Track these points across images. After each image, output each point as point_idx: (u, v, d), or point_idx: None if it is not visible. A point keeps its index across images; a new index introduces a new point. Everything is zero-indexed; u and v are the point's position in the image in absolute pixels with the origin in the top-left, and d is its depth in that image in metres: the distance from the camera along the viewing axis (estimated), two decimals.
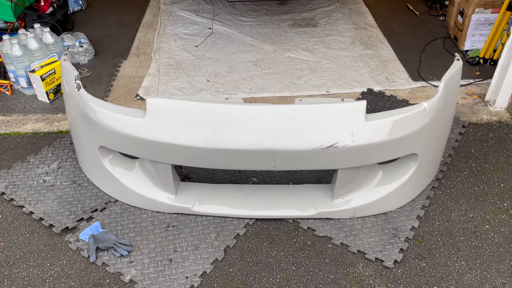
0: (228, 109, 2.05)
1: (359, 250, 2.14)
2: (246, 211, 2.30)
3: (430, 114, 2.12)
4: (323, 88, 3.33)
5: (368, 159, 2.11)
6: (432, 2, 4.46)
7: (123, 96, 3.23)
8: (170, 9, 4.49)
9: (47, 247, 2.16)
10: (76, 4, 4.36)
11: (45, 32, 3.20)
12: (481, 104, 3.12)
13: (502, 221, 2.29)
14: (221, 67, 3.58)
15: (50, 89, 3.09)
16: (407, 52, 3.74)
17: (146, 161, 2.26)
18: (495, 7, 3.42)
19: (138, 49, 3.83)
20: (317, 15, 4.36)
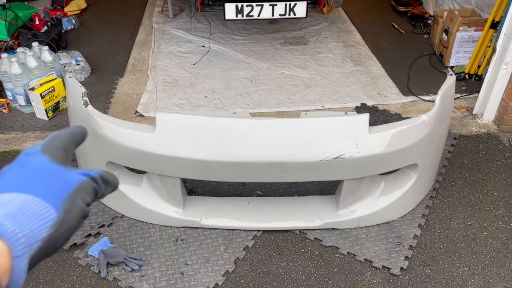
0: (236, 123, 2.11)
1: (366, 259, 2.20)
2: (253, 223, 2.34)
3: (429, 126, 2.22)
4: (318, 103, 3.43)
5: (372, 169, 2.19)
6: (416, 21, 4.66)
7: (122, 113, 3.25)
8: (162, 27, 4.55)
9: (56, 263, 2.14)
10: (69, 23, 4.38)
11: (43, 51, 3.21)
12: (470, 117, 3.26)
13: (499, 227, 2.40)
14: (218, 83, 3.64)
15: (49, 106, 3.09)
16: (395, 68, 3.89)
17: (154, 175, 2.29)
18: (478, 25, 3.61)
19: (134, 67, 3.87)
20: (307, 33, 4.49)
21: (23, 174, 0.54)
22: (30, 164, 0.55)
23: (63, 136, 0.61)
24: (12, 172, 0.55)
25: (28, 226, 0.50)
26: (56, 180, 0.54)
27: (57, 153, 0.58)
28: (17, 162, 0.56)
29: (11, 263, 0.48)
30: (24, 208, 0.51)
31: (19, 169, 0.55)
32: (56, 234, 0.52)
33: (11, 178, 0.54)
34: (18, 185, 0.53)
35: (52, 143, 0.59)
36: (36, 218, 0.51)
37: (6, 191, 0.52)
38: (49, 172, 0.55)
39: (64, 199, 0.53)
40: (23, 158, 0.56)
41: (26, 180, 0.54)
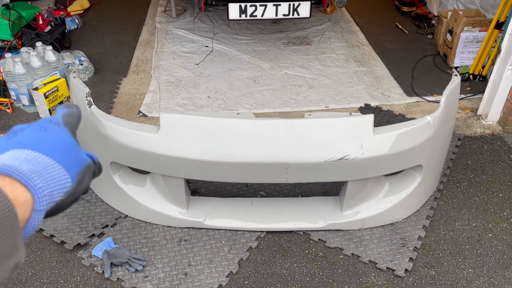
0: (241, 123, 2.10)
1: (370, 260, 2.19)
2: (257, 224, 2.33)
3: (433, 127, 2.21)
4: (322, 103, 3.42)
5: (377, 170, 2.19)
6: (420, 21, 4.65)
7: (125, 113, 3.25)
8: (166, 27, 4.55)
9: (59, 263, 2.14)
10: (72, 23, 4.38)
11: (47, 50, 3.21)
12: (474, 118, 3.25)
13: (504, 229, 2.38)
14: (221, 83, 3.64)
15: (53, 106, 3.09)
16: (399, 69, 3.87)
17: (158, 176, 2.28)
18: (482, 26, 3.60)
19: (137, 67, 3.87)
20: (310, 33, 4.48)
21: (47, 139, 0.58)
22: (54, 132, 0.60)
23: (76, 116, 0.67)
24: (36, 133, 0.58)
25: (51, 186, 0.55)
26: (73, 154, 0.60)
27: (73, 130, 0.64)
28: (40, 126, 0.60)
29: (30, 214, 0.52)
30: (48, 169, 0.55)
31: (43, 133, 0.59)
32: (65, 200, 0.58)
33: (35, 138, 0.58)
34: (42, 147, 0.57)
35: (69, 119, 0.64)
36: (57, 182, 0.56)
37: (30, 148, 0.56)
38: (69, 145, 0.60)
39: (77, 172, 0.59)
40: (47, 124, 0.61)
41: (50, 145, 0.58)
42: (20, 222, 0.50)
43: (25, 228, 0.52)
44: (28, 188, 0.52)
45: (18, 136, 0.58)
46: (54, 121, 0.62)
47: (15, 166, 0.53)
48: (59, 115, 0.64)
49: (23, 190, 0.52)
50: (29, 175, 0.53)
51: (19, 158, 0.54)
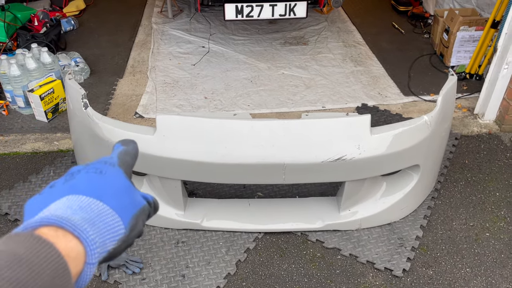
0: (237, 124, 2.10)
1: (368, 261, 2.19)
2: (255, 225, 2.32)
3: (430, 127, 2.21)
4: (319, 103, 3.41)
5: (374, 171, 2.18)
6: (416, 21, 4.65)
7: (121, 114, 3.24)
8: (162, 28, 4.54)
9: None
10: (68, 24, 4.37)
11: (42, 52, 3.20)
12: (471, 117, 3.25)
13: (501, 228, 2.39)
14: (218, 84, 3.63)
15: (49, 108, 3.08)
16: (396, 68, 3.87)
17: (154, 177, 2.28)
18: (479, 25, 3.60)
19: (133, 68, 3.86)
20: (307, 33, 4.48)
21: (102, 182, 0.56)
22: (108, 174, 0.58)
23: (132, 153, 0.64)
24: (91, 177, 0.57)
25: (103, 235, 0.53)
26: (128, 198, 0.57)
27: (128, 171, 0.62)
28: (95, 168, 0.58)
29: (83, 267, 0.50)
30: (101, 217, 0.54)
31: (98, 176, 0.57)
32: (118, 248, 0.55)
33: (89, 182, 0.56)
34: (96, 191, 0.55)
35: (125, 158, 0.62)
36: (109, 230, 0.54)
37: (85, 193, 0.55)
38: (124, 188, 0.58)
39: (131, 217, 0.57)
40: (102, 166, 0.58)
41: (104, 189, 0.56)
42: (72, 277, 0.48)
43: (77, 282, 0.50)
44: (80, 240, 0.50)
45: (74, 179, 0.56)
46: (109, 162, 0.59)
47: (68, 217, 0.51)
48: (115, 154, 0.62)
49: (76, 242, 0.50)
50: (81, 226, 0.51)
51: (73, 206, 0.53)
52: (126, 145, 0.65)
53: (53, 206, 0.53)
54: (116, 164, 0.59)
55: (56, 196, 0.54)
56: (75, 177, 0.56)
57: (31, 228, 0.49)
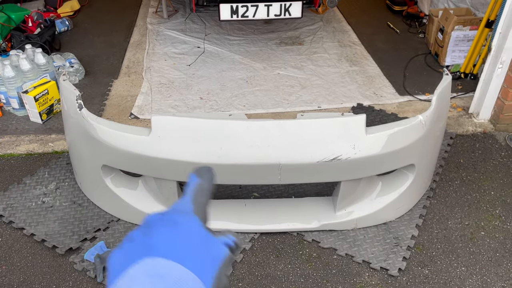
0: (233, 125, 2.09)
1: (364, 260, 2.19)
2: (250, 226, 2.32)
3: (425, 126, 2.21)
4: (314, 103, 3.42)
5: (370, 170, 2.18)
6: (411, 20, 4.66)
7: (117, 115, 3.23)
8: (157, 29, 4.53)
9: (51, 268, 2.12)
10: (62, 24, 4.35)
11: (37, 53, 3.18)
12: (466, 116, 3.26)
13: (496, 227, 2.40)
14: (213, 84, 3.63)
15: (43, 109, 3.06)
16: (391, 68, 3.88)
17: (150, 178, 2.27)
18: (473, 24, 3.62)
19: (128, 69, 3.84)
20: (302, 33, 4.48)
21: (178, 238, 0.53)
22: (184, 226, 0.54)
23: (207, 188, 0.60)
24: (167, 232, 0.53)
25: None
26: (208, 254, 0.53)
27: (203, 214, 0.58)
28: (171, 221, 0.54)
29: None
30: (182, 283, 0.50)
31: (173, 230, 0.53)
32: None
33: (166, 241, 0.52)
34: (173, 252, 0.52)
35: (200, 199, 0.59)
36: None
37: (162, 255, 0.51)
38: (201, 242, 0.54)
39: (214, 277, 0.53)
40: (176, 216, 0.55)
41: (182, 248, 0.52)
42: None
43: None
44: None
45: (151, 234, 0.53)
46: (183, 210, 0.56)
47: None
48: (189, 196, 0.58)
49: None
50: None
51: (152, 274, 0.50)
52: (202, 177, 0.61)
53: (133, 273, 0.50)
54: (191, 211, 0.56)
55: (135, 255, 0.51)
56: (151, 231, 0.53)
57: None
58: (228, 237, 0.57)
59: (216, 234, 0.57)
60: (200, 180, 0.61)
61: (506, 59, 2.90)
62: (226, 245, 0.56)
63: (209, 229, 0.56)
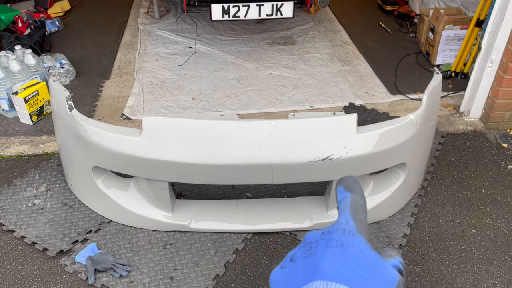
0: (224, 125, 2.09)
1: None
2: (243, 226, 2.32)
3: (416, 125, 2.22)
4: (307, 103, 3.42)
5: (361, 169, 2.19)
6: (402, 20, 4.69)
7: (108, 116, 3.21)
8: (149, 29, 4.51)
9: (42, 271, 2.10)
10: (53, 25, 4.32)
11: (26, 54, 3.15)
12: (457, 115, 3.28)
13: (487, 225, 2.41)
14: (205, 85, 3.62)
15: (34, 111, 3.04)
16: (383, 67, 3.90)
17: (142, 179, 2.26)
18: (463, 24, 3.64)
19: (120, 69, 3.82)
20: (294, 33, 4.49)
21: (347, 261, 0.48)
22: (351, 248, 0.50)
23: (361, 202, 0.56)
24: (333, 253, 0.48)
25: None
26: (379, 279, 0.48)
27: (366, 232, 0.52)
28: (335, 241, 0.49)
29: None
30: None
31: (340, 252, 0.49)
32: None
33: (334, 262, 0.47)
34: (345, 276, 0.47)
35: (358, 215, 0.54)
36: None
37: (332, 279, 0.47)
38: (371, 265, 0.49)
39: None
40: (341, 237, 0.49)
41: (353, 272, 0.48)
42: None
43: None
44: None
45: (315, 254, 0.48)
46: (347, 230, 0.51)
47: None
48: (348, 216, 0.52)
49: None
50: None
51: None
52: (352, 191, 0.56)
53: None
54: (356, 232, 0.51)
55: (301, 277, 0.47)
56: (315, 251, 0.49)
57: None
58: (396, 259, 0.53)
59: (384, 256, 0.52)
60: (352, 195, 0.57)
61: (496, 58, 2.92)
62: (395, 268, 0.52)
63: (376, 250, 0.52)
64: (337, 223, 0.52)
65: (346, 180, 0.57)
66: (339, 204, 0.56)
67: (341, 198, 0.56)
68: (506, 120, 3.14)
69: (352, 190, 0.56)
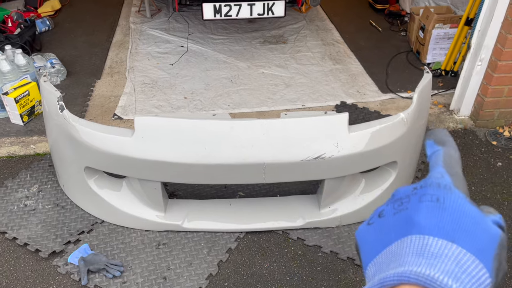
0: (217, 125, 2.09)
1: (348, 257, 2.21)
2: (236, 225, 2.33)
3: (407, 124, 2.24)
4: (299, 102, 3.43)
5: (353, 168, 2.21)
6: (393, 19, 4.71)
7: (100, 116, 3.20)
8: (140, 28, 4.49)
9: (34, 272, 2.09)
10: (43, 24, 4.28)
11: (16, 54, 3.13)
12: (447, 113, 3.32)
13: None
14: (197, 84, 3.62)
15: (25, 111, 3.02)
16: (374, 66, 3.92)
17: (134, 179, 2.26)
18: (453, 22, 3.67)
19: (111, 69, 3.81)
20: (286, 32, 4.50)
21: (446, 216, 0.45)
22: (449, 203, 0.46)
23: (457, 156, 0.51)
24: (428, 206, 0.46)
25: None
26: (483, 232, 0.46)
27: (464, 187, 0.49)
28: (430, 195, 0.46)
29: None
30: (462, 266, 0.43)
31: (437, 206, 0.46)
32: None
33: (432, 217, 0.45)
34: (444, 230, 0.44)
35: (456, 170, 0.50)
36: (475, 283, 0.43)
37: (430, 233, 0.44)
38: (474, 220, 0.46)
39: (493, 259, 0.45)
40: (436, 191, 0.46)
41: (453, 226, 0.45)
42: None
43: None
44: None
45: (407, 209, 0.46)
46: (443, 184, 0.47)
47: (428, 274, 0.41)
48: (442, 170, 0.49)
49: None
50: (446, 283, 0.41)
51: (423, 252, 0.43)
52: (444, 144, 0.51)
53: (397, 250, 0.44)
54: (452, 186, 0.48)
55: (392, 232, 0.45)
56: (406, 206, 0.47)
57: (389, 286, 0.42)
58: (496, 215, 0.50)
59: (485, 212, 0.49)
60: (445, 148, 0.54)
61: (485, 56, 2.96)
62: (497, 224, 0.47)
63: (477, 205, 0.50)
64: (430, 177, 0.48)
65: (437, 133, 0.51)
66: (429, 158, 0.52)
67: (432, 152, 0.51)
68: (496, 118, 3.18)
69: (444, 144, 0.51)
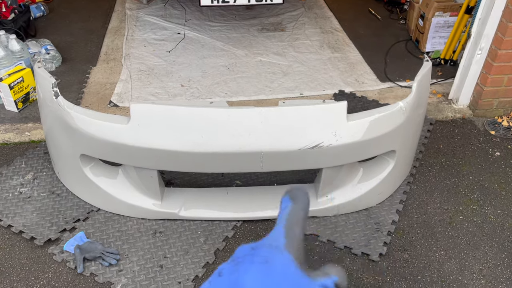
0: (214, 113, 2.07)
1: (345, 246, 2.21)
2: (233, 214, 2.32)
3: (406, 113, 2.23)
4: (297, 90, 3.41)
5: (351, 157, 2.19)
6: (392, 7, 4.67)
7: (95, 103, 3.16)
8: (136, 14, 4.43)
9: (30, 260, 2.08)
10: (38, 10, 4.22)
11: (11, 39, 3.08)
12: (445, 103, 3.30)
13: (474, 211, 2.44)
14: (194, 72, 3.58)
15: (19, 97, 2.98)
16: (372, 55, 3.89)
17: (130, 167, 2.24)
18: (453, 11, 3.64)
19: (107, 55, 3.76)
20: (284, 19, 4.44)
21: (268, 279, 0.46)
22: (276, 264, 0.47)
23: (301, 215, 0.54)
24: (256, 270, 0.47)
25: None
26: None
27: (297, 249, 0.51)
28: (261, 256, 0.48)
29: None
30: None
31: (264, 268, 0.47)
32: None
33: (256, 280, 0.46)
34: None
35: (292, 230, 0.52)
36: None
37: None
38: (293, 284, 0.47)
39: None
40: (268, 252, 0.48)
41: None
42: None
43: None
44: None
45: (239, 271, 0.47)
46: (275, 245, 0.50)
47: None
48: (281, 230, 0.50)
49: None
50: None
51: None
52: (296, 201, 0.55)
53: None
54: (283, 248, 0.50)
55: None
56: (240, 269, 0.48)
57: None
58: (330, 278, 0.51)
59: (314, 274, 0.51)
60: (293, 205, 0.56)
61: (485, 45, 2.93)
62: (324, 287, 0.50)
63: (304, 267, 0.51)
64: (267, 237, 0.51)
65: (294, 189, 0.55)
66: (279, 214, 0.55)
67: (283, 208, 0.55)
68: (494, 107, 3.16)
69: (295, 200, 0.55)
